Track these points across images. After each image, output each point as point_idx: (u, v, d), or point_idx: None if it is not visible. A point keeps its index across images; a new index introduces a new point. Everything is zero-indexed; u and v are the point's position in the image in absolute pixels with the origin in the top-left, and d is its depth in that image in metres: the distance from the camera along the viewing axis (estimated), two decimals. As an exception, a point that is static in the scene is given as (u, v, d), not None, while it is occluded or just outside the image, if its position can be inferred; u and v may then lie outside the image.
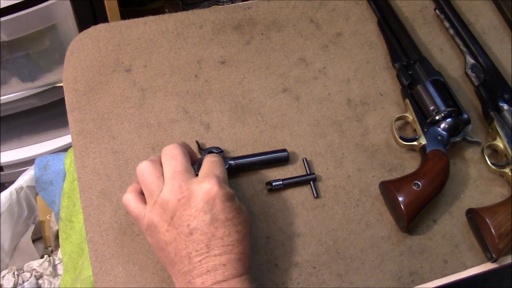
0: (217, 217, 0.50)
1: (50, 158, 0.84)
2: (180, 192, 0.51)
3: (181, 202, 0.50)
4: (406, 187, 0.61)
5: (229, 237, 0.50)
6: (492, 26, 0.81)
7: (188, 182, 0.51)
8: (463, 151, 0.70)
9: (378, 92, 0.73)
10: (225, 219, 0.50)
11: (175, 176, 0.52)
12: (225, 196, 0.51)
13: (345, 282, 0.60)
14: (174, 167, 0.53)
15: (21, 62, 1.11)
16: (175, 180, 0.51)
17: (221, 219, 0.50)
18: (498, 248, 0.59)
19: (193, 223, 0.50)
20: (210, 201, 0.50)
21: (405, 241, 0.63)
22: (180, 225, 0.50)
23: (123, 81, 0.69)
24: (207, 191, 0.50)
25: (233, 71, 0.72)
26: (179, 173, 0.52)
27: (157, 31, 0.74)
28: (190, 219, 0.50)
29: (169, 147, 0.55)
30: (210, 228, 0.50)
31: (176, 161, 0.53)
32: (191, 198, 0.50)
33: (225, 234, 0.50)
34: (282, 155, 0.65)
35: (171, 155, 0.54)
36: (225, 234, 0.50)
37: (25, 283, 1.17)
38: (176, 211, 0.50)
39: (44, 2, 0.97)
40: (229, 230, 0.50)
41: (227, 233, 0.50)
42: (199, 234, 0.49)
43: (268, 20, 0.77)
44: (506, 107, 0.69)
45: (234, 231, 0.51)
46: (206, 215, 0.50)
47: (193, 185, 0.51)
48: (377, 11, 0.78)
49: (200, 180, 0.52)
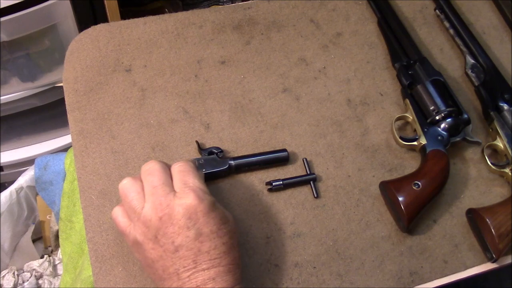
0: (201, 231, 0.49)
1: (50, 158, 0.84)
2: (160, 210, 0.49)
3: (163, 219, 0.49)
4: (406, 187, 0.61)
5: (216, 250, 0.49)
6: (492, 26, 0.81)
7: (167, 198, 0.50)
8: (463, 151, 0.70)
9: (378, 92, 0.73)
10: (209, 232, 0.49)
11: (154, 192, 0.51)
12: (206, 208, 0.50)
13: (345, 282, 0.60)
14: (152, 182, 0.51)
15: (21, 62, 1.11)
16: (155, 197, 0.50)
17: (206, 233, 0.49)
18: (498, 248, 0.59)
19: (178, 240, 0.49)
20: (192, 216, 0.49)
21: (405, 241, 0.63)
22: (165, 242, 0.49)
23: (123, 81, 0.69)
24: (187, 206, 0.49)
25: (233, 71, 0.72)
26: (158, 188, 0.51)
27: (157, 31, 0.74)
28: (174, 236, 0.49)
29: (147, 164, 0.53)
30: (196, 243, 0.49)
31: (153, 177, 0.52)
32: (172, 215, 0.49)
33: (211, 248, 0.49)
34: (282, 155, 0.65)
35: (148, 171, 0.53)
36: (211, 247, 0.49)
37: (25, 283, 1.17)
38: (159, 229, 0.49)
39: (44, 2, 0.97)
40: (215, 243, 0.49)
41: (213, 246, 0.49)
42: (185, 250, 0.49)
43: (268, 20, 0.77)
44: (506, 107, 0.69)
45: (220, 243, 0.50)
46: (190, 231, 0.49)
47: (172, 201, 0.50)
48: (377, 11, 0.78)
49: (178, 195, 0.50)
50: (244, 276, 0.59)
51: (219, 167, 0.63)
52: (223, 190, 0.64)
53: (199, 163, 0.62)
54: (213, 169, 0.62)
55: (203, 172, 0.62)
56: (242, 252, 0.60)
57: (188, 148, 0.66)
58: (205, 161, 0.63)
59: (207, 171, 0.62)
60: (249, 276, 0.59)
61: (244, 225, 0.62)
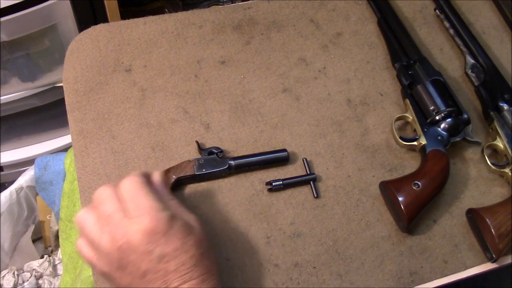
0: (164, 253, 0.47)
1: (50, 158, 0.84)
2: (118, 239, 0.48)
3: (122, 249, 0.48)
4: (406, 187, 0.61)
5: (184, 266, 0.48)
6: (492, 26, 0.81)
7: (122, 226, 0.48)
8: (463, 151, 0.70)
9: (378, 92, 0.73)
10: (173, 251, 0.48)
11: (108, 222, 0.49)
12: (164, 227, 0.48)
13: (345, 282, 0.60)
14: (104, 211, 0.50)
15: (21, 62, 1.11)
16: (110, 226, 0.49)
17: (169, 252, 0.47)
18: (498, 248, 0.59)
19: (142, 265, 0.47)
20: (151, 239, 0.47)
21: (405, 241, 0.63)
22: (131, 270, 0.48)
23: (123, 81, 0.69)
24: (143, 231, 0.47)
25: (233, 71, 0.72)
26: (111, 217, 0.49)
27: (157, 31, 0.74)
28: (138, 262, 0.47)
29: (97, 191, 0.51)
30: (161, 265, 0.47)
31: (104, 205, 0.50)
32: (131, 242, 0.47)
33: (178, 265, 0.47)
34: (282, 155, 0.65)
35: (98, 201, 0.51)
36: (179, 264, 0.48)
37: (25, 283, 1.17)
38: (122, 258, 0.48)
39: (44, 2, 0.97)
40: (182, 260, 0.48)
41: (180, 263, 0.48)
42: (152, 274, 0.47)
43: (268, 20, 0.77)
44: (506, 107, 0.69)
45: (187, 258, 0.48)
46: (152, 255, 0.47)
47: (127, 228, 0.48)
48: (377, 11, 0.78)
49: (133, 221, 0.48)
50: (244, 276, 0.59)
51: (219, 167, 0.63)
52: (223, 190, 0.64)
53: (199, 163, 0.62)
54: (213, 169, 0.62)
55: (203, 172, 0.62)
56: (242, 252, 0.60)
57: (188, 148, 0.66)
58: (205, 161, 0.63)
59: (207, 171, 0.62)
60: (249, 276, 0.59)
61: (244, 225, 0.62)
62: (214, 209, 0.62)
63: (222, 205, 0.63)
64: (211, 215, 0.62)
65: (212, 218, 0.62)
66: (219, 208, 0.63)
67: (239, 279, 0.59)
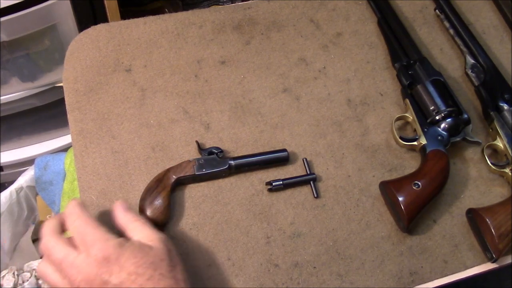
0: (120, 279, 0.47)
1: (50, 158, 0.84)
2: (74, 280, 0.48)
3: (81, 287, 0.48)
4: (406, 187, 0.61)
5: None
6: (492, 26, 0.81)
7: (74, 267, 0.48)
8: (463, 151, 0.70)
9: (378, 92, 0.73)
10: (128, 275, 0.47)
11: (61, 268, 0.49)
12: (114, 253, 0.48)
13: (345, 282, 0.60)
14: (54, 260, 0.50)
15: (21, 62, 1.11)
16: (64, 271, 0.49)
17: (125, 278, 0.47)
18: (498, 248, 0.59)
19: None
20: (104, 268, 0.47)
21: (405, 241, 0.63)
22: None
23: (123, 81, 0.69)
24: (94, 262, 0.47)
25: (233, 71, 0.72)
26: (62, 263, 0.49)
27: (157, 31, 0.74)
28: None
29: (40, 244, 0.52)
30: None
31: (52, 255, 0.50)
32: (88, 279, 0.47)
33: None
34: (282, 155, 0.65)
35: (45, 253, 0.51)
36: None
37: (25, 283, 1.17)
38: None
39: (44, 2, 0.97)
40: (139, 283, 0.47)
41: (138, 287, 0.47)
42: None
43: (268, 20, 0.77)
44: (506, 107, 0.69)
45: (145, 280, 0.47)
46: (109, 284, 0.47)
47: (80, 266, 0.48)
48: (377, 11, 0.78)
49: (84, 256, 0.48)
50: (244, 276, 0.59)
51: (219, 167, 0.63)
52: (223, 190, 0.64)
53: (199, 163, 0.62)
54: (213, 169, 0.62)
55: (203, 172, 0.62)
56: (242, 252, 0.60)
57: (188, 148, 0.66)
58: (205, 161, 0.63)
59: (207, 171, 0.62)
60: (249, 276, 0.59)
61: (244, 225, 0.62)
62: (214, 209, 0.62)
63: (222, 205, 0.63)
64: (211, 215, 0.62)
65: (212, 218, 0.62)
66: (219, 208, 0.63)
67: (239, 279, 0.59)
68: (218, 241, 0.60)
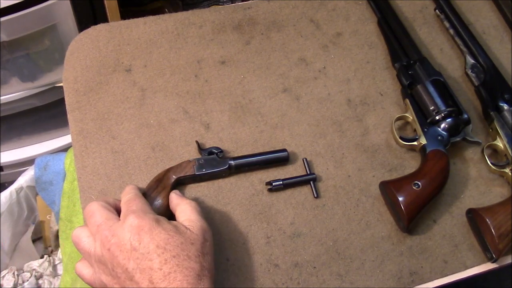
0: (148, 249, 0.48)
1: (50, 158, 0.84)
2: (107, 242, 0.50)
3: (111, 251, 0.49)
4: (406, 187, 0.61)
5: (167, 264, 0.48)
6: (492, 26, 0.81)
7: (111, 230, 0.50)
8: (463, 151, 0.70)
9: (378, 92, 0.73)
10: (156, 248, 0.48)
11: (98, 230, 0.51)
12: (148, 225, 0.50)
13: (345, 282, 0.60)
14: (95, 222, 0.52)
15: (21, 62, 1.11)
16: (100, 233, 0.51)
17: (152, 249, 0.48)
18: (498, 248, 0.59)
19: (130, 265, 0.48)
20: (135, 236, 0.49)
21: (405, 241, 0.63)
22: (121, 272, 0.49)
23: (123, 81, 0.69)
24: (129, 228, 0.50)
25: (233, 71, 0.72)
26: (101, 225, 0.51)
27: (157, 31, 0.74)
28: (126, 262, 0.48)
29: (86, 207, 0.54)
30: (146, 262, 0.48)
31: (95, 217, 0.52)
32: (119, 242, 0.49)
33: (162, 263, 0.48)
34: (282, 155, 0.65)
35: (89, 214, 0.53)
36: (162, 262, 0.48)
37: (25, 283, 1.17)
38: (113, 261, 0.49)
39: (44, 2, 0.97)
40: (165, 257, 0.48)
41: (163, 261, 0.48)
42: (139, 273, 0.48)
43: (268, 20, 0.77)
44: (506, 107, 0.69)
45: (170, 256, 0.48)
46: (137, 252, 0.48)
47: (116, 230, 0.50)
48: (377, 11, 0.78)
49: (121, 222, 0.51)
50: (244, 276, 0.59)
51: (219, 167, 0.63)
52: (223, 190, 0.64)
53: (199, 163, 0.62)
54: (213, 169, 0.62)
55: (203, 172, 0.62)
56: (242, 252, 0.60)
57: (188, 148, 0.66)
58: (205, 161, 0.63)
59: (207, 171, 0.62)
60: (249, 276, 0.59)
61: (244, 225, 0.62)
62: (214, 209, 0.62)
63: (222, 205, 0.63)
64: (211, 215, 0.62)
65: (212, 218, 0.62)
66: (219, 208, 0.63)
67: (239, 279, 0.59)
68: (218, 241, 0.60)
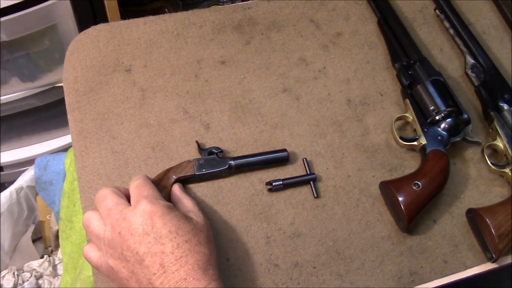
0: (160, 234, 0.49)
1: (50, 158, 0.84)
2: (118, 226, 0.51)
3: (122, 234, 0.50)
4: (406, 187, 0.61)
5: (179, 249, 0.49)
6: (492, 26, 0.81)
7: (122, 214, 0.51)
8: (463, 151, 0.70)
9: (378, 92, 0.73)
10: (168, 233, 0.50)
11: (109, 214, 0.52)
12: (161, 211, 0.51)
13: (345, 282, 0.60)
14: (106, 206, 0.53)
15: (21, 62, 1.11)
16: (111, 217, 0.52)
17: (165, 234, 0.49)
18: (498, 248, 0.59)
19: (141, 249, 0.49)
20: (148, 221, 0.50)
21: (405, 241, 0.63)
22: (131, 256, 0.49)
23: (123, 81, 0.69)
24: (141, 213, 0.50)
25: (233, 71, 0.72)
26: (112, 209, 0.52)
27: (157, 31, 0.74)
28: (136, 246, 0.49)
29: (98, 192, 0.55)
30: (158, 246, 0.49)
31: (106, 201, 0.53)
32: (130, 226, 0.50)
33: (174, 247, 0.49)
34: (282, 155, 0.65)
35: (100, 198, 0.54)
36: (174, 247, 0.49)
37: (25, 283, 1.17)
38: (123, 244, 0.50)
39: (44, 2, 0.97)
40: (177, 242, 0.49)
41: (175, 245, 0.49)
42: (150, 257, 0.49)
43: (268, 20, 0.77)
44: (506, 107, 0.69)
45: (183, 241, 0.50)
46: (149, 236, 0.49)
47: (127, 214, 0.51)
48: (377, 11, 0.78)
49: (132, 207, 0.52)
50: (244, 276, 0.59)
51: (219, 167, 0.63)
52: (223, 190, 0.64)
53: (199, 163, 0.62)
54: (213, 169, 0.62)
55: (203, 172, 0.62)
56: (242, 252, 0.60)
57: (188, 148, 0.66)
58: (205, 161, 0.63)
59: (207, 171, 0.62)
60: (249, 276, 0.59)
61: (244, 225, 0.62)
62: (214, 209, 0.62)
63: (222, 205, 0.63)
64: (211, 215, 0.62)
65: (212, 218, 0.62)
66: (219, 208, 0.63)
67: (239, 279, 0.59)
68: (218, 241, 0.60)
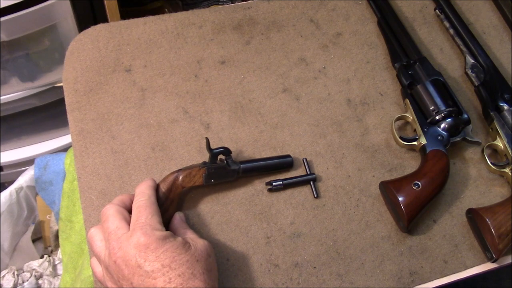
0: (153, 268, 0.49)
1: (50, 158, 0.84)
2: (114, 254, 0.50)
3: (117, 263, 0.50)
4: (406, 187, 0.61)
5: (171, 283, 0.48)
6: (492, 26, 0.81)
7: (119, 242, 0.51)
8: (463, 151, 0.70)
9: (378, 92, 0.73)
10: (161, 267, 0.49)
11: (108, 238, 0.52)
12: (155, 243, 0.50)
13: (345, 282, 0.60)
14: (107, 229, 0.53)
15: (21, 62, 1.11)
16: (109, 242, 0.51)
17: (157, 268, 0.49)
18: (498, 248, 0.59)
19: (134, 280, 0.49)
20: (141, 254, 0.49)
21: (405, 241, 0.63)
22: (126, 285, 0.50)
23: (123, 81, 0.69)
24: (135, 245, 0.50)
25: (233, 71, 0.72)
26: (111, 234, 0.52)
27: (157, 31, 0.74)
28: (130, 277, 0.49)
29: (103, 210, 0.55)
30: (150, 280, 0.48)
31: (108, 222, 0.53)
32: (125, 257, 0.50)
33: (166, 282, 0.48)
34: (286, 161, 0.65)
35: (103, 218, 0.54)
36: (166, 281, 0.48)
37: (25, 283, 1.17)
38: (118, 273, 0.50)
39: (44, 2, 0.97)
40: (169, 276, 0.48)
41: (167, 280, 0.48)
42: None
43: (268, 20, 0.77)
44: (506, 107, 0.69)
45: (175, 275, 0.49)
46: (142, 269, 0.49)
47: (123, 243, 0.51)
48: (377, 11, 0.78)
49: (129, 235, 0.51)
50: (244, 276, 0.59)
51: (227, 177, 0.61)
52: (223, 190, 0.64)
53: (208, 172, 0.60)
54: (221, 180, 0.61)
55: (211, 182, 0.60)
56: (242, 252, 0.60)
57: (188, 148, 0.66)
58: (214, 170, 0.60)
59: (216, 181, 0.61)
60: (249, 276, 0.59)
61: (244, 225, 0.62)
62: (214, 209, 0.62)
63: (222, 205, 0.63)
64: (211, 215, 0.62)
65: (212, 218, 0.62)
66: (219, 208, 0.63)
67: (239, 279, 0.59)
68: (218, 241, 0.60)
